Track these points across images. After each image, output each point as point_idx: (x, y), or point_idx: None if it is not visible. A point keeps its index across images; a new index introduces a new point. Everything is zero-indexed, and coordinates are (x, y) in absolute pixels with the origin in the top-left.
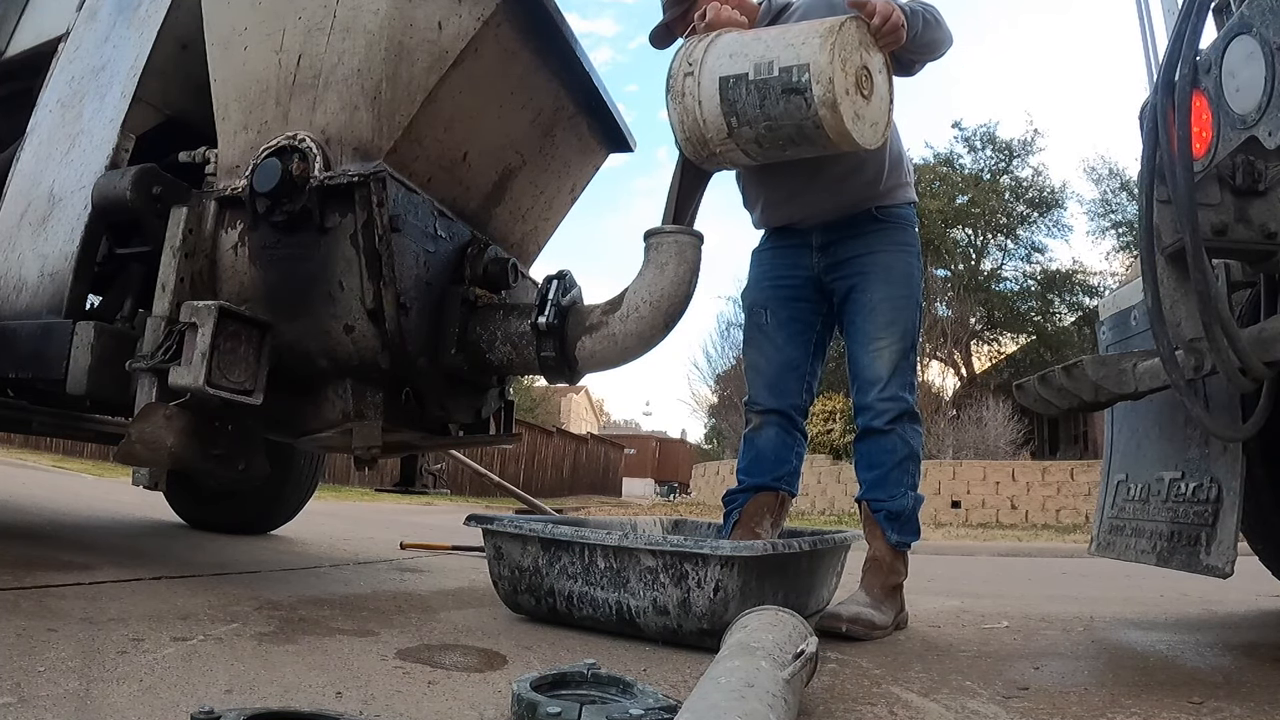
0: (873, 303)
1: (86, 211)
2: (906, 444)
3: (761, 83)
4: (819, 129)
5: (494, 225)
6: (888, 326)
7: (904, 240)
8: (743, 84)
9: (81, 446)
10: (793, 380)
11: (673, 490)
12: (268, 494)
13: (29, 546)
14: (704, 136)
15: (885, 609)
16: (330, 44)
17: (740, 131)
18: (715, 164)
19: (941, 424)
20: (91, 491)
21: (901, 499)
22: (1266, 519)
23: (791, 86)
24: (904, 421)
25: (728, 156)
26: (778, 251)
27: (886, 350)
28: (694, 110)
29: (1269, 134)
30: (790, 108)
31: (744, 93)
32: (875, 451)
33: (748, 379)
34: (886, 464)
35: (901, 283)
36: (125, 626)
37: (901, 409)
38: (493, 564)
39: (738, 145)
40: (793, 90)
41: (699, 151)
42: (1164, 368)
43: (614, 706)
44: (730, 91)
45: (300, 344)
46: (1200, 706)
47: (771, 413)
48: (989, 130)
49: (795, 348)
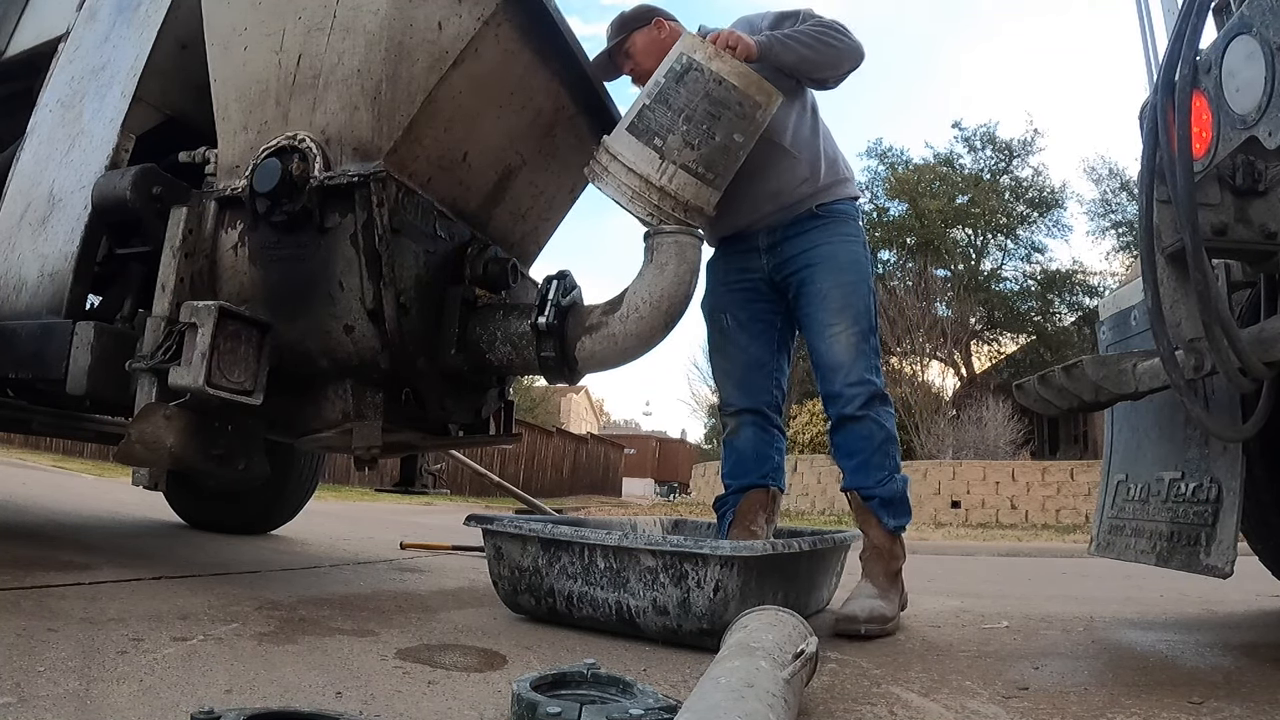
0: (823, 291)
1: (86, 211)
2: (882, 427)
3: (658, 94)
4: (723, 84)
5: (494, 225)
6: (840, 312)
7: (847, 231)
8: (645, 111)
9: (81, 446)
10: (760, 378)
11: (673, 490)
12: (268, 494)
13: (29, 546)
14: (646, 180)
15: (891, 597)
16: (330, 44)
17: (668, 145)
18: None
19: (941, 424)
20: (91, 491)
21: (889, 483)
22: (1266, 519)
23: (680, 71)
24: (875, 405)
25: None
26: (729, 257)
27: (843, 335)
28: (623, 167)
29: (1269, 134)
30: (692, 86)
31: (651, 114)
32: (852, 439)
33: (717, 384)
34: (865, 450)
35: (849, 269)
36: (125, 626)
37: (870, 392)
38: (493, 564)
39: (676, 162)
40: (684, 71)
41: (651, 203)
42: (1164, 368)
43: (614, 706)
44: (640, 123)
45: (300, 344)
46: (1200, 706)
47: (745, 412)
48: (989, 130)
49: (759, 347)
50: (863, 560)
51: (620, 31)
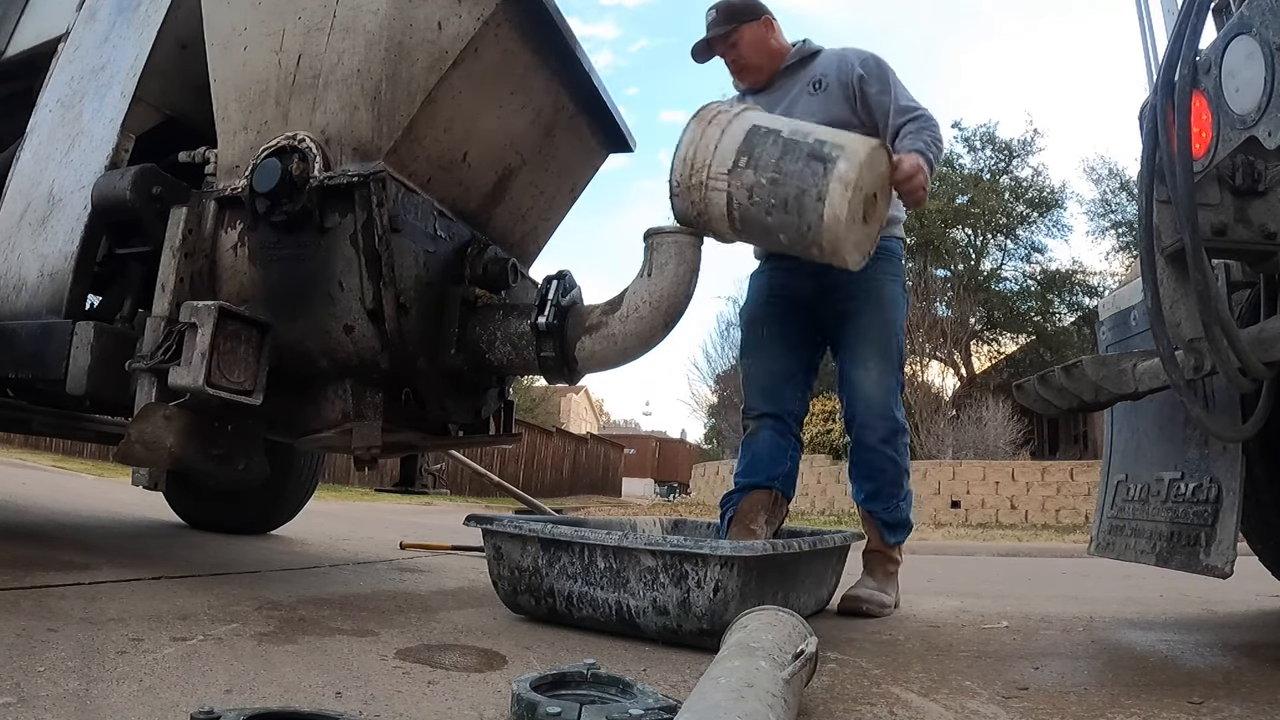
0: (864, 325)
1: (86, 211)
2: (895, 462)
3: (790, 141)
4: (819, 201)
5: (494, 225)
6: (877, 348)
7: (892, 270)
8: (771, 136)
9: (81, 446)
10: (787, 389)
11: (672, 490)
12: (268, 494)
13: (29, 546)
14: (706, 162)
15: (889, 591)
16: (330, 44)
17: (743, 173)
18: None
19: (941, 424)
20: (91, 491)
21: (895, 510)
22: (1266, 519)
23: (819, 154)
24: (895, 438)
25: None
26: (775, 273)
27: (875, 370)
28: (712, 137)
29: (1269, 134)
30: (806, 171)
31: (769, 143)
32: (869, 466)
33: (745, 388)
34: (879, 480)
35: (890, 306)
36: (125, 626)
37: (892, 427)
38: (492, 564)
39: (728, 187)
40: (818, 156)
41: (686, 175)
42: (1164, 368)
43: (614, 706)
44: (755, 136)
45: (300, 344)
46: (1200, 706)
47: (767, 416)
48: (989, 130)
49: (791, 360)
50: (864, 558)
51: (729, 21)
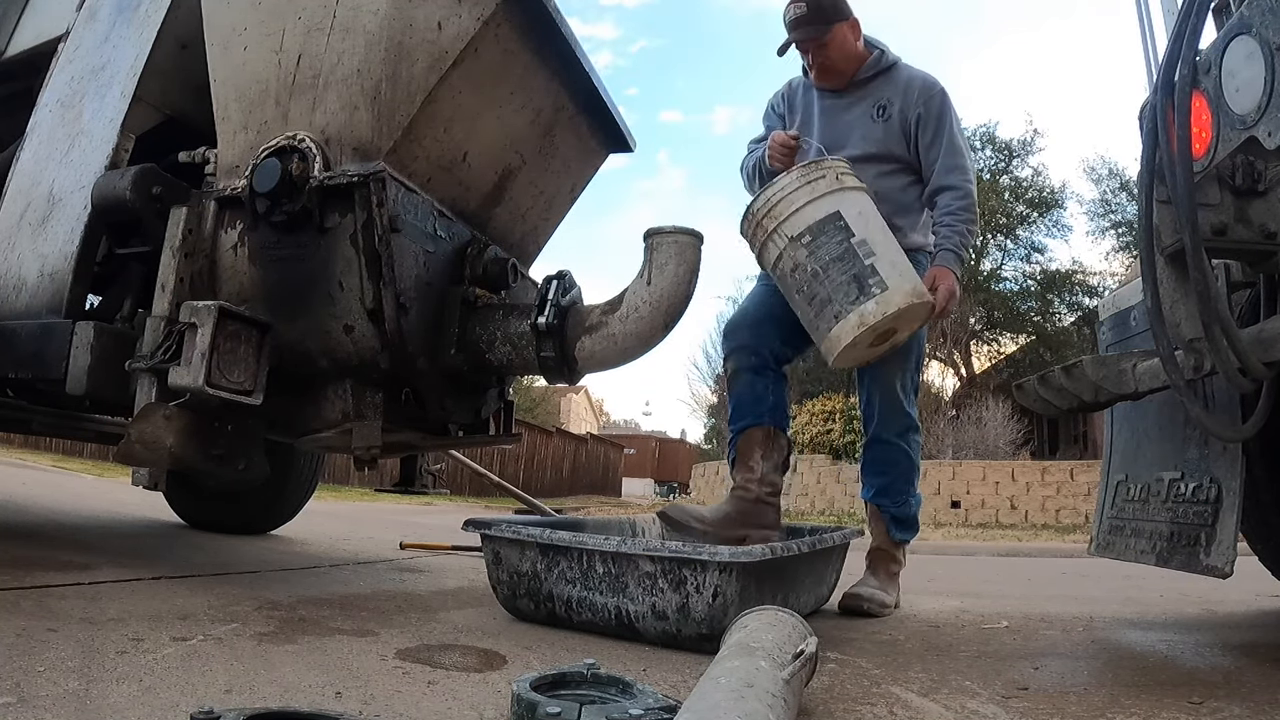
0: None
1: (86, 211)
2: (909, 457)
3: (851, 251)
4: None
5: (494, 225)
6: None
7: None
8: (841, 234)
9: (81, 446)
10: (766, 325)
11: (672, 490)
12: (268, 494)
13: (29, 546)
14: (781, 216)
15: (890, 591)
16: (330, 44)
17: (799, 250)
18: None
19: (941, 424)
20: (91, 491)
21: (905, 505)
22: (1266, 519)
23: (862, 281)
24: (910, 434)
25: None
26: None
27: (898, 370)
28: (800, 199)
29: (1269, 134)
30: (842, 287)
31: (835, 240)
32: (883, 460)
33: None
34: (892, 474)
35: None
36: (125, 626)
37: (907, 424)
38: (491, 569)
39: (783, 248)
40: (859, 283)
41: (761, 214)
42: (1164, 368)
43: (614, 706)
44: (829, 225)
45: (300, 344)
46: (1200, 706)
47: (739, 351)
48: (989, 130)
49: (774, 303)
50: (868, 558)
51: (818, 20)
